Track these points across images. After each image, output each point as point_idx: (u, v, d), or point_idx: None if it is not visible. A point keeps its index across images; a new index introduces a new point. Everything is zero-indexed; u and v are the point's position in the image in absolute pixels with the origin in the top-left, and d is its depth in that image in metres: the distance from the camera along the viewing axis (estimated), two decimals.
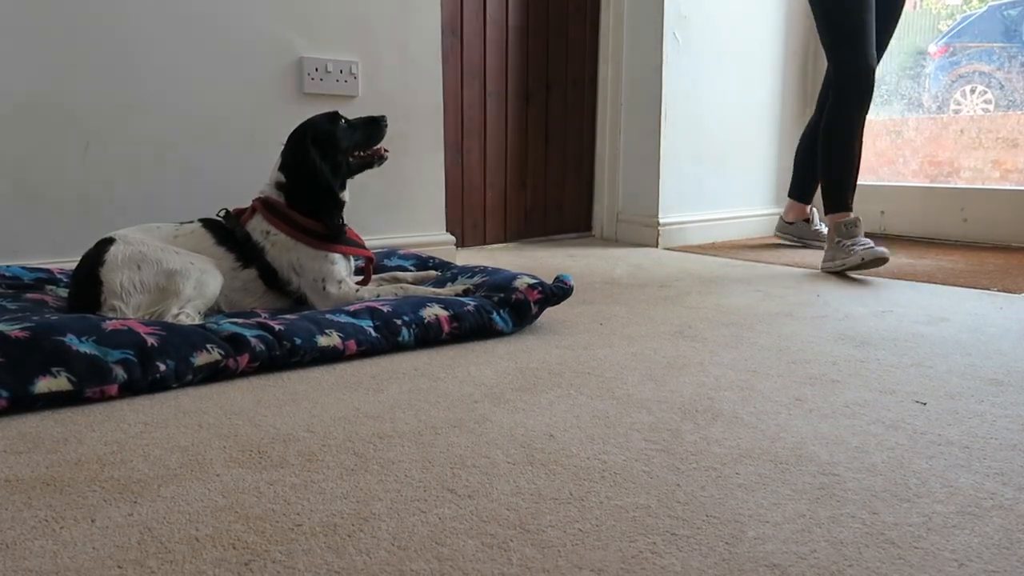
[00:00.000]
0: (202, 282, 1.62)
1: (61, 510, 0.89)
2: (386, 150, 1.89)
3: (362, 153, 1.86)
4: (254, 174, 1.97)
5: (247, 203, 1.82)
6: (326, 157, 1.79)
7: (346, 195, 1.85)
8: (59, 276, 1.85)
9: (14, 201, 2.01)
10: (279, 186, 1.79)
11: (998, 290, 2.24)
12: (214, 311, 1.70)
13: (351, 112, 1.93)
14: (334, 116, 1.84)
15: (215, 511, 0.89)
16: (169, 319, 1.53)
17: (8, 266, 1.85)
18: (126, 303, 1.57)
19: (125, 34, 2.10)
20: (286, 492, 0.94)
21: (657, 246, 3.24)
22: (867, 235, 2.55)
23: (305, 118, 1.84)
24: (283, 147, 1.84)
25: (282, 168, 1.80)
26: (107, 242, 1.62)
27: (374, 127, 1.87)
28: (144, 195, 2.17)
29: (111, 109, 2.11)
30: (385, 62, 2.53)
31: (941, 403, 1.26)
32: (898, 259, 2.85)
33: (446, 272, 2.02)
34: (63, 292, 1.76)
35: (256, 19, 2.28)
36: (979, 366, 1.47)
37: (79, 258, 1.64)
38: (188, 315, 1.56)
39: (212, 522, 0.86)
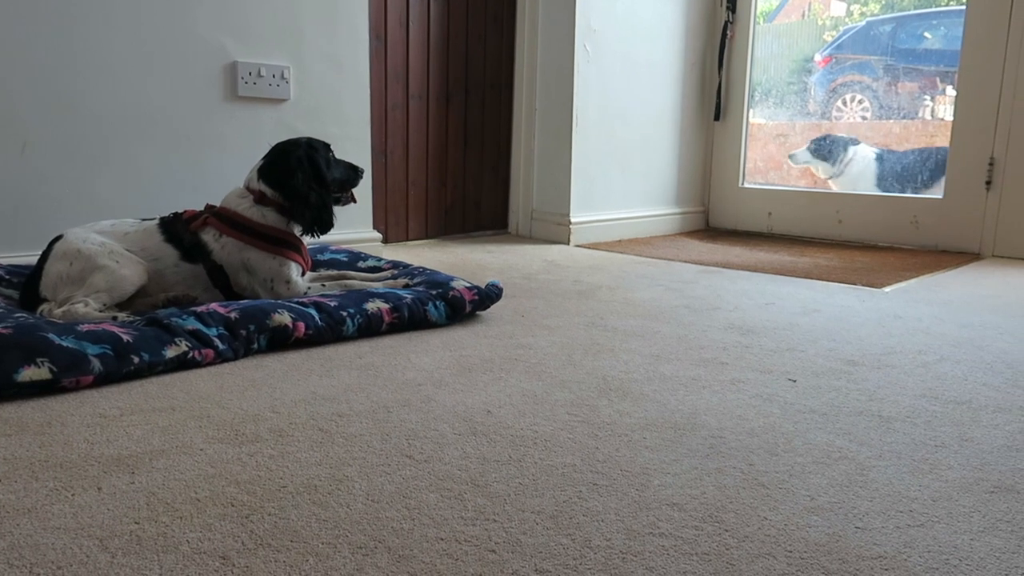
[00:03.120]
0: (117, 277, 1.68)
1: (67, 481, 1.02)
2: (355, 198, 2.02)
3: (336, 193, 1.96)
4: (190, 173, 2.07)
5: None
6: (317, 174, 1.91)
7: None
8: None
9: None
10: (251, 189, 1.86)
11: (864, 285, 2.56)
12: (158, 305, 1.77)
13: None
14: (327, 145, 1.98)
15: (207, 478, 1.03)
16: (67, 306, 1.61)
17: None
18: (55, 297, 1.65)
19: (63, 36, 2.15)
20: (266, 461, 1.09)
21: (569, 243, 3.48)
22: (754, 235, 2.83)
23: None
24: (268, 153, 1.91)
25: (265, 171, 1.87)
26: (56, 239, 1.71)
27: (353, 173, 2.00)
28: (81, 194, 2.22)
29: (48, 110, 2.15)
30: (316, 67, 2.64)
31: (808, 380, 1.52)
32: (781, 257, 3.17)
33: (393, 270, 2.19)
34: (6, 291, 1.82)
35: (194, 24, 2.36)
36: (840, 350, 1.75)
37: (17, 256, 1.70)
38: (86, 303, 1.62)
39: (207, 487, 1.01)
